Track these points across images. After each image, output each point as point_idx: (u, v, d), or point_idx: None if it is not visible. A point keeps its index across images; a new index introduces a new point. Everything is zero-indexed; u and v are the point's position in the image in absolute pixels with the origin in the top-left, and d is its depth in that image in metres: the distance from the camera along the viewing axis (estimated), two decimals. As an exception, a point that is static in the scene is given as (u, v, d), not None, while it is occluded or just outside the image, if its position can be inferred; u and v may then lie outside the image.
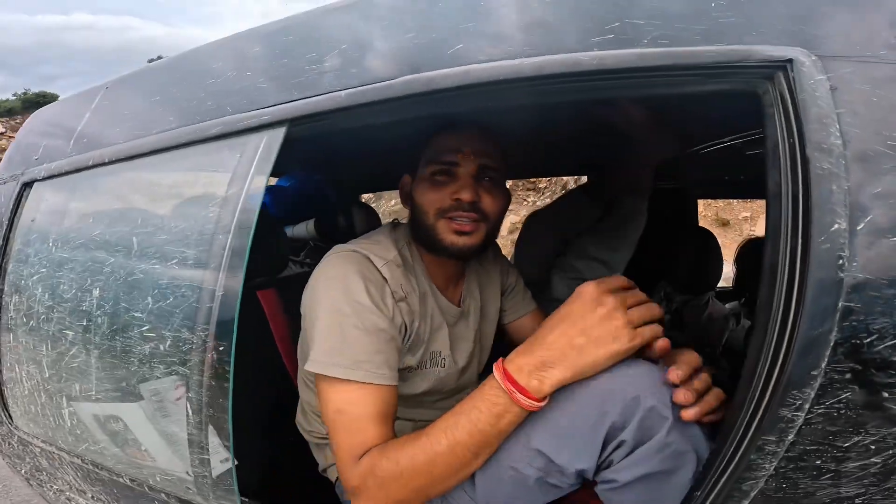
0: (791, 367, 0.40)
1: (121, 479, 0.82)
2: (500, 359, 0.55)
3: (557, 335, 0.52)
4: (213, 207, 0.62)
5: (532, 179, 7.79)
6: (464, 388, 0.88)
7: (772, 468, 0.42)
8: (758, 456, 0.42)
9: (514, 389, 0.52)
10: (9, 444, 1.07)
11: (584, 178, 1.68)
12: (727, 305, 1.69)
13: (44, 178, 0.91)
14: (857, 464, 0.40)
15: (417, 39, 0.55)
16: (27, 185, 0.95)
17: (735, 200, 7.84)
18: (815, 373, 0.40)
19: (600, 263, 1.24)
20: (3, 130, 23.82)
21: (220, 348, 0.60)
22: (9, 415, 1.01)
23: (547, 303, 1.16)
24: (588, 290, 0.53)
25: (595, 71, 0.47)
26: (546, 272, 1.26)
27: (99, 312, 0.76)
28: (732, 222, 7.97)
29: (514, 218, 7.40)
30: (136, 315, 0.70)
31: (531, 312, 0.99)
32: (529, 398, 0.51)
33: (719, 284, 1.67)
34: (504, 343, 0.98)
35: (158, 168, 0.73)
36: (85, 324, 0.78)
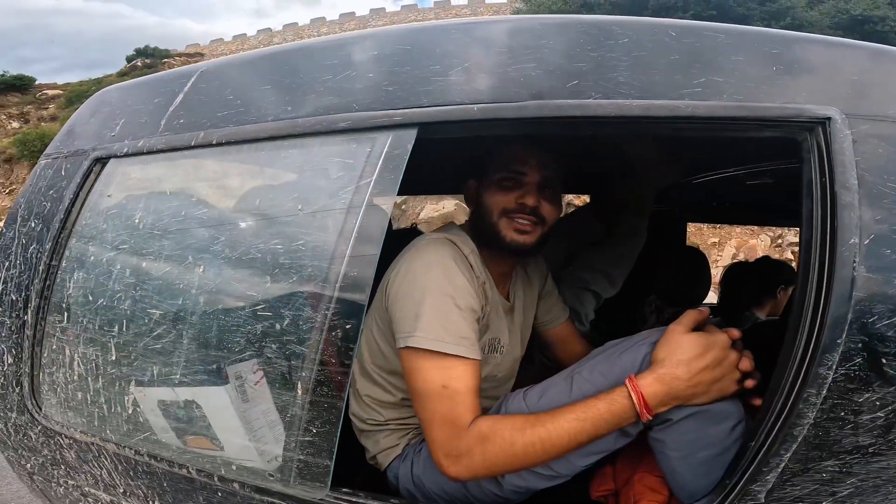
0: (825, 337, 0.56)
1: (180, 471, 0.82)
2: (631, 377, 0.66)
3: (695, 379, 0.64)
4: (343, 196, 0.70)
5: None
6: (510, 378, 0.98)
7: (812, 417, 0.56)
8: (804, 406, 0.57)
9: (646, 411, 0.65)
10: (23, 434, 1.02)
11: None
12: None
13: (125, 155, 0.92)
14: (868, 416, 0.55)
15: (537, 70, 0.67)
16: (99, 162, 0.95)
17: (706, 226, 8.45)
18: (839, 341, 0.56)
19: (604, 276, 1.39)
20: (-20, 111, 22.56)
21: (348, 326, 0.67)
22: (37, 403, 0.97)
23: None
24: (722, 340, 0.67)
25: (688, 116, 0.62)
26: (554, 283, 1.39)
27: (198, 292, 0.79)
28: (702, 247, 8.47)
29: None
30: (250, 294, 0.75)
31: (566, 321, 1.11)
32: (651, 414, 0.65)
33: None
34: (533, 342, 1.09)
35: (274, 154, 0.79)
36: (179, 303, 0.80)
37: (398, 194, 0.70)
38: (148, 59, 26.82)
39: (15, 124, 22.18)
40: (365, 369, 0.90)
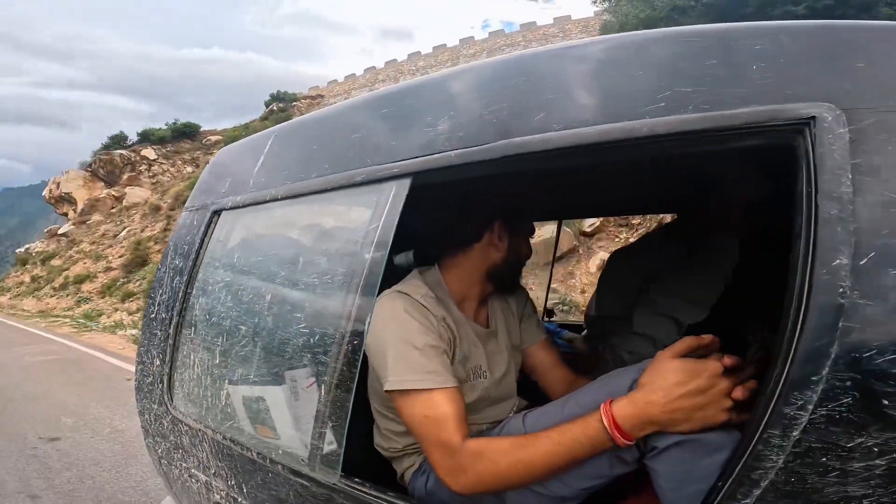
0: (794, 372, 0.49)
1: (248, 454, 0.99)
2: (607, 403, 0.67)
3: (672, 405, 0.62)
4: (357, 239, 0.85)
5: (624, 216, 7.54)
6: (508, 396, 1.04)
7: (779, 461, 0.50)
8: (765, 448, 0.50)
9: (619, 435, 0.65)
10: (160, 423, 1.29)
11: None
12: None
13: (230, 209, 1.19)
14: (861, 464, 0.47)
15: (509, 110, 0.72)
16: (216, 213, 1.24)
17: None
18: (815, 378, 0.49)
19: (686, 301, 1.28)
20: (156, 157, 28.15)
21: (356, 342, 0.81)
22: (170, 396, 1.24)
23: (629, 336, 1.24)
24: (711, 367, 0.63)
25: (647, 136, 0.61)
26: (628, 308, 1.33)
27: (268, 313, 1.01)
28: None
29: (603, 255, 7.21)
30: (295, 315, 0.94)
31: (541, 341, 1.15)
32: (627, 439, 0.65)
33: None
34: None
35: (317, 205, 0.98)
36: (256, 321, 1.02)
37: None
38: (281, 103, 30.72)
39: (188, 169, 26.91)
40: (377, 407, 1.02)
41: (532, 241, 1.11)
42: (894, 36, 0.57)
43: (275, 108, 30.15)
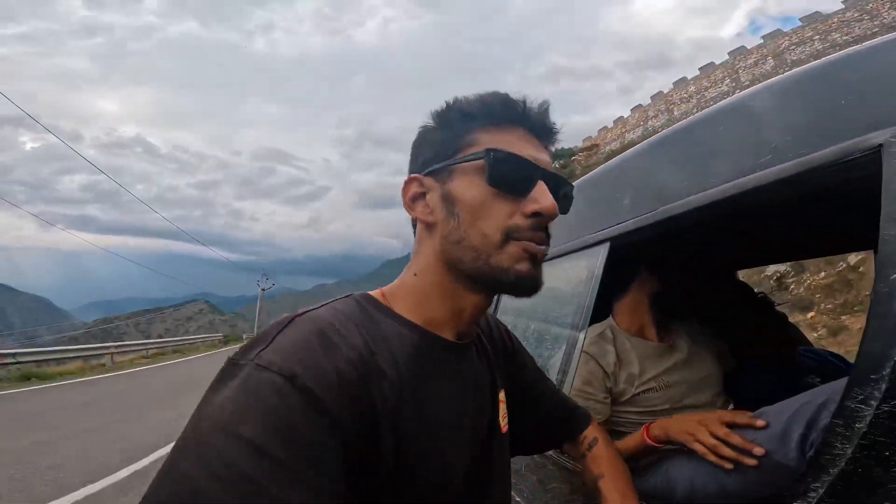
0: (859, 371, 0.57)
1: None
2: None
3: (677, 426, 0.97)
4: (581, 294, 1.19)
5: None
6: (704, 393, 1.25)
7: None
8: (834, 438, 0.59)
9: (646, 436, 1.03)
10: None
11: None
12: None
13: None
14: None
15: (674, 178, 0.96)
16: None
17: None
18: (875, 376, 0.55)
19: None
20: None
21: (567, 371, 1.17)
22: None
23: None
24: (717, 416, 0.92)
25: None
26: None
27: (535, 346, 1.39)
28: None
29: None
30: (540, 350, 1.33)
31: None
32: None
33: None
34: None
35: (559, 267, 1.33)
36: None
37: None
38: (561, 159, 32.80)
39: None
40: None
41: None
42: None
43: (557, 165, 32.88)
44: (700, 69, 27.46)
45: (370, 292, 0.62)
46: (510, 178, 0.58)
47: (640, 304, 1.29)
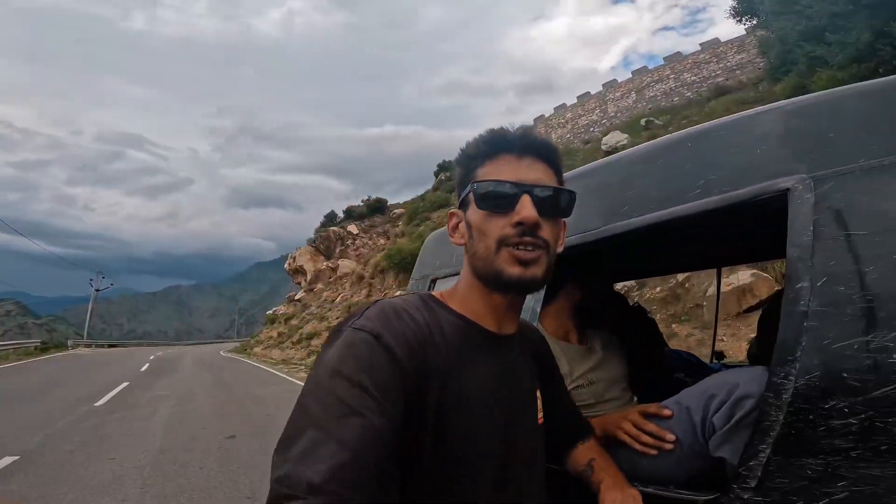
0: (778, 354, 0.78)
1: None
2: None
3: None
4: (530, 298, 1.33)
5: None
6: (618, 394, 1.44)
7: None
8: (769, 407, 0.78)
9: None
10: None
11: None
12: None
13: (443, 277, 1.72)
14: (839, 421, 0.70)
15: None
16: (433, 282, 1.75)
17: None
18: (791, 358, 0.76)
19: None
20: (357, 232, 34.06)
21: None
22: None
23: None
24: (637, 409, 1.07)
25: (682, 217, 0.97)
26: None
27: None
28: None
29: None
30: None
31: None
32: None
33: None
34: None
35: None
36: None
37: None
38: (447, 172, 33.76)
39: (381, 241, 31.22)
40: None
41: (723, 289, 1.46)
42: (849, 100, 0.83)
43: (443, 177, 33.69)
44: (578, 97, 30.29)
45: (432, 292, 0.79)
46: (493, 200, 0.71)
47: (565, 310, 1.43)
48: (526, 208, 0.70)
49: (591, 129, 27.14)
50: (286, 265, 37.24)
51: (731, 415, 0.85)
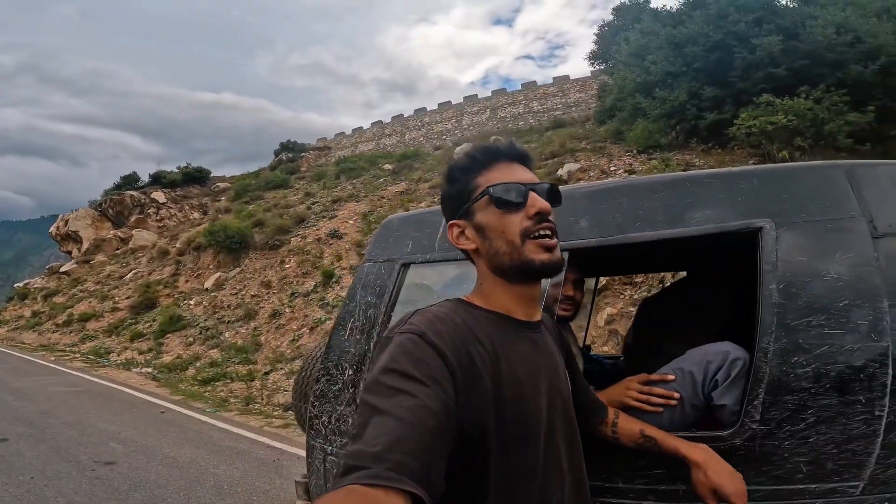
0: (759, 330, 1.19)
1: None
2: None
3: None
4: None
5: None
6: None
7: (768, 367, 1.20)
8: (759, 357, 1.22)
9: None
10: (342, 423, 1.62)
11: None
12: None
13: (420, 263, 1.64)
14: (801, 370, 1.16)
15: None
16: (405, 266, 1.66)
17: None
18: (771, 330, 1.18)
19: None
20: (165, 201, 28.86)
21: None
22: None
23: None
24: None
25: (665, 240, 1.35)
26: (656, 340, 1.96)
27: None
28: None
29: (611, 310, 7.89)
30: None
31: None
32: None
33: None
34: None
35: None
36: None
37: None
38: (290, 152, 31.12)
39: (196, 215, 27.12)
40: None
41: None
42: (799, 174, 1.32)
43: (283, 157, 31.13)
44: (439, 104, 31.06)
45: (460, 297, 0.88)
46: (508, 199, 0.81)
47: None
48: (539, 200, 0.82)
49: (444, 136, 28.25)
50: (52, 229, 29.28)
51: (729, 373, 1.23)
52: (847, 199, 1.23)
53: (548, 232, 0.82)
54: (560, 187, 0.93)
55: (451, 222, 0.89)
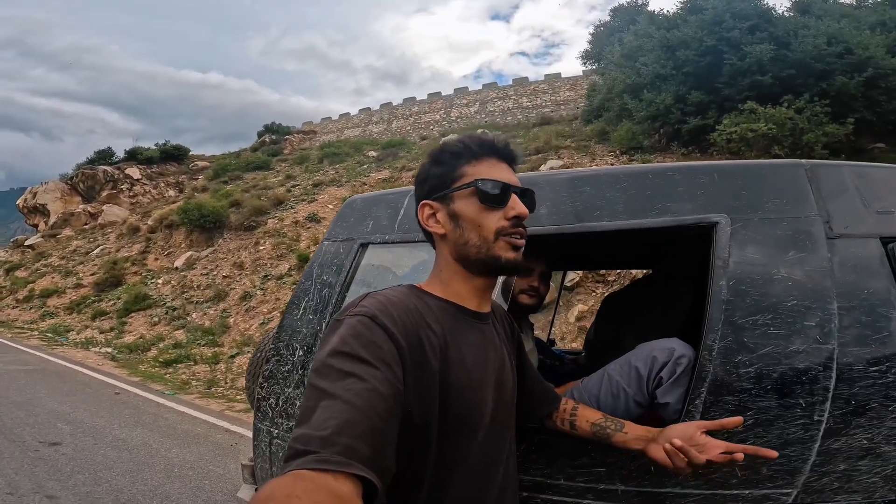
0: (706, 329, 1.17)
1: None
2: None
3: None
4: None
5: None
6: None
7: (711, 368, 1.18)
8: (703, 359, 1.20)
9: None
10: (289, 405, 1.56)
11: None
12: None
13: (378, 243, 1.59)
14: (744, 370, 1.13)
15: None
16: (363, 246, 1.62)
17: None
18: (716, 328, 1.16)
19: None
20: (140, 177, 27.93)
21: None
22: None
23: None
24: None
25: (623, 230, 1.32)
26: (618, 335, 1.91)
27: None
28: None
29: (581, 307, 7.96)
30: None
31: None
32: None
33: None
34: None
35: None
36: None
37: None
38: (274, 135, 30.45)
39: (171, 192, 26.44)
40: None
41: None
42: (760, 171, 1.29)
43: (267, 139, 30.50)
44: (429, 95, 30.62)
45: (414, 284, 0.88)
46: (492, 197, 0.83)
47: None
48: (519, 204, 0.85)
49: (432, 127, 28.01)
50: (20, 201, 28.11)
51: (674, 371, 1.20)
52: (805, 199, 1.21)
53: (519, 235, 0.85)
54: (524, 174, 0.92)
55: (424, 202, 0.88)
